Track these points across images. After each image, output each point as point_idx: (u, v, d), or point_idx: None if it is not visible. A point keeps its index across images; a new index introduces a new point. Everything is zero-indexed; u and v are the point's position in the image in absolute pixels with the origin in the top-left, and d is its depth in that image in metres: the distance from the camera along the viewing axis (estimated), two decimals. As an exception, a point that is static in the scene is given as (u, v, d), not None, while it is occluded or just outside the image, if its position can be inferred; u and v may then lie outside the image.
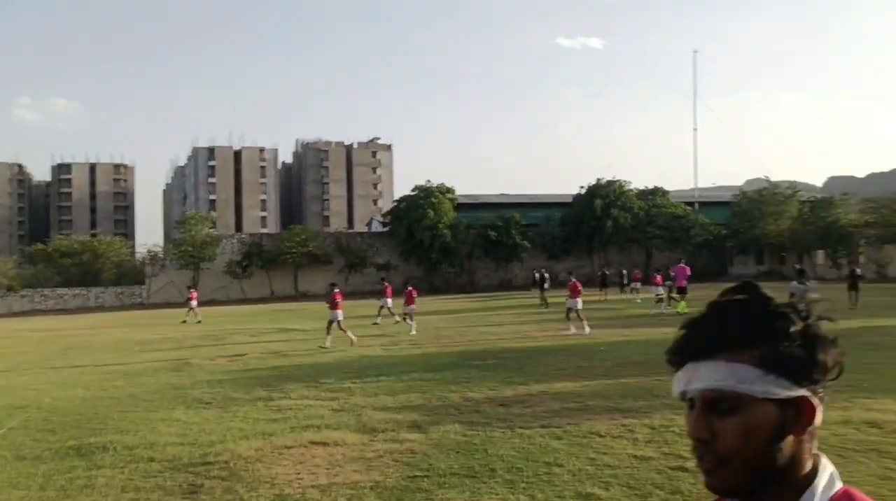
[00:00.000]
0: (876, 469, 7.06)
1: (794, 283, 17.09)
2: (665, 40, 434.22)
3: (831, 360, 1.22)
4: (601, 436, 8.72)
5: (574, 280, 24.66)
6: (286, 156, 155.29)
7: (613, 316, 28.72)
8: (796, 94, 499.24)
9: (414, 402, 11.46)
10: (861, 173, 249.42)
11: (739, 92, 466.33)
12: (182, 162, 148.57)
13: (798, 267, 18.04)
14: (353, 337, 20.86)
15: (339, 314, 21.19)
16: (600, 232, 67.64)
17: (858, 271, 31.22)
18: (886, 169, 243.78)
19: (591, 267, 72.69)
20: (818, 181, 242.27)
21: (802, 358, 1.20)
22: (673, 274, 30.31)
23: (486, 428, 9.34)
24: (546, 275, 41.16)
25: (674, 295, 30.15)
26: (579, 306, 22.88)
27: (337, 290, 21.87)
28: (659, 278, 30.53)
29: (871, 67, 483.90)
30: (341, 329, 21.06)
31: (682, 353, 1.26)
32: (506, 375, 13.84)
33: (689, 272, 29.42)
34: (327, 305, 21.72)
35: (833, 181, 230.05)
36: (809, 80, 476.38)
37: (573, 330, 22.14)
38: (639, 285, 39.97)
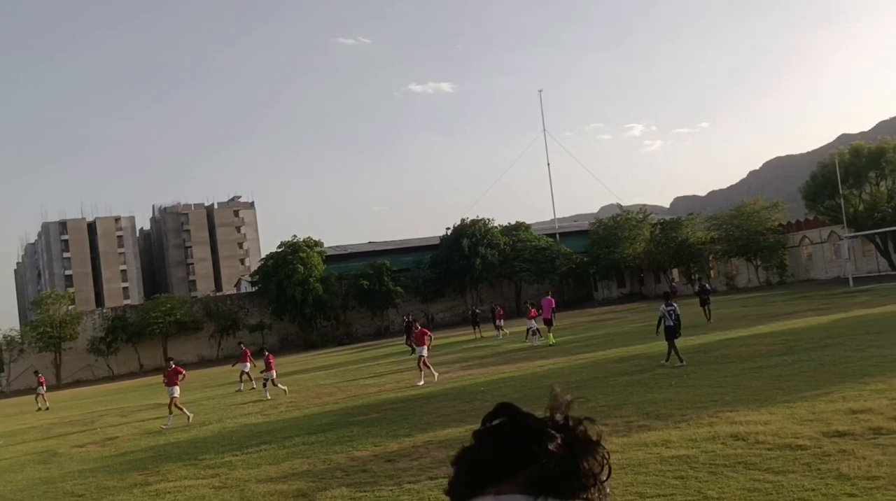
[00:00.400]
0: (744, 483, 7.47)
1: (663, 306, 17.77)
2: (512, 80, 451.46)
3: (597, 464, 1.15)
4: (488, 482, 8.79)
5: (419, 327, 24.24)
6: (144, 222, 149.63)
7: (490, 353, 29.12)
8: (639, 123, 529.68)
9: (298, 469, 11.19)
10: (703, 191, 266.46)
11: (586, 124, 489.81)
12: (32, 238, 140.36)
13: (666, 290, 18.86)
14: (189, 415, 19.55)
15: (176, 390, 20.01)
16: (470, 270, 68.72)
17: (707, 286, 31.57)
18: (724, 185, 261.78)
19: (464, 307, 73.61)
20: (666, 202, 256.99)
21: (566, 472, 1.13)
22: (540, 307, 31.05)
23: (374, 488, 9.24)
24: (412, 320, 41.43)
25: (532, 327, 30.64)
26: (425, 354, 22.08)
27: (174, 364, 20.73)
28: (533, 311, 31.17)
29: (702, 97, 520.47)
30: (178, 406, 19.80)
31: (455, 493, 1.18)
32: (390, 428, 13.76)
33: (554, 304, 30.21)
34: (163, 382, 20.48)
35: (679, 201, 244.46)
36: (650, 110, 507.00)
37: (421, 381, 21.17)
38: (502, 322, 40.46)
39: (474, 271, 68.43)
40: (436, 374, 21.59)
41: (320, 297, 64.24)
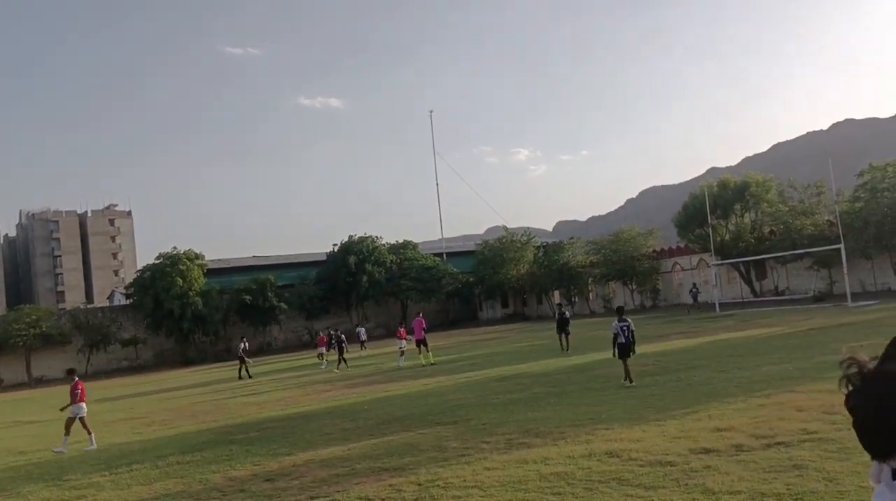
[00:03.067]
0: (618, 498, 7.77)
1: (616, 322, 17.21)
2: (402, 99, 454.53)
3: None
4: (370, 500, 8.77)
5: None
6: (9, 229, 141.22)
7: (374, 371, 29.03)
8: (524, 148, 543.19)
9: (172, 490, 10.79)
10: (583, 217, 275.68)
11: (475, 146, 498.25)
12: None
13: (619, 305, 18.67)
14: (94, 441, 16.79)
15: (83, 408, 17.11)
16: (356, 287, 68.32)
17: (566, 313, 29.23)
18: (604, 212, 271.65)
19: (350, 324, 73.06)
20: (549, 226, 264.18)
21: None
22: (412, 328, 30.83)
23: (252, 509, 9.02)
24: (332, 333, 39.95)
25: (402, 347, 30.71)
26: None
27: (77, 379, 17.60)
28: (402, 331, 31.08)
29: (584, 125, 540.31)
30: (85, 428, 16.92)
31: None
32: (270, 447, 13.48)
33: (424, 324, 30.14)
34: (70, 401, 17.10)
35: (561, 225, 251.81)
36: (534, 136, 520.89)
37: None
38: (324, 350, 37.84)
39: (360, 288, 68.10)
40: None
41: (200, 312, 62.23)
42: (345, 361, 33.30)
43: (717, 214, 51.53)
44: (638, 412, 12.72)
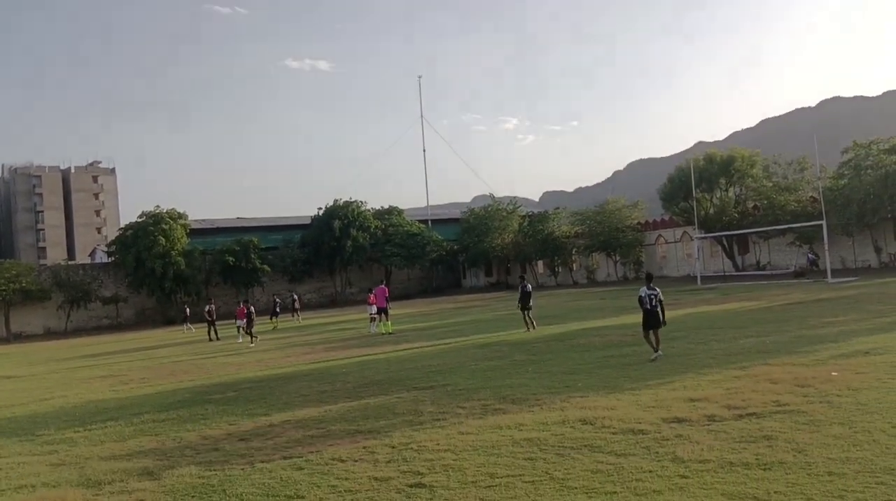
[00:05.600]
0: (589, 464, 7.81)
1: (644, 288, 16.63)
2: (392, 64, 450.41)
3: None
4: (343, 461, 8.78)
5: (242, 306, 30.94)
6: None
7: (354, 336, 29.05)
8: (513, 117, 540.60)
9: (146, 447, 10.76)
10: (570, 187, 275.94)
11: (463, 114, 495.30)
12: None
13: (647, 272, 17.47)
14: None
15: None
16: (340, 252, 68.21)
17: (528, 285, 25.03)
18: (591, 183, 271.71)
19: (333, 288, 73.10)
20: (536, 196, 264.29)
21: None
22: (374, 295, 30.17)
23: (224, 467, 9.01)
24: (277, 299, 45.09)
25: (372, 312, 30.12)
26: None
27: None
28: (371, 297, 30.74)
29: (574, 95, 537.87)
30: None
31: None
32: (246, 407, 13.47)
33: (387, 293, 29.86)
34: None
35: (548, 195, 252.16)
36: (523, 105, 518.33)
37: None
38: (242, 322, 32.65)
39: (344, 253, 67.99)
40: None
41: (182, 271, 61.97)
42: (252, 334, 30.31)
43: (703, 188, 51.64)
44: (614, 381, 12.78)
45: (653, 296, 15.42)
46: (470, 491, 7.22)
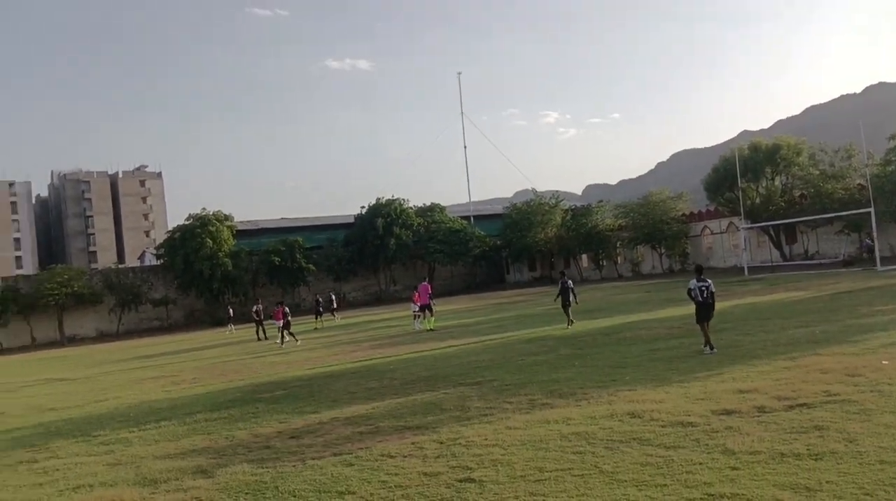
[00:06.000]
0: (638, 457, 7.78)
1: (693, 281, 15.50)
2: (431, 61, 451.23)
3: None
4: (392, 457, 8.88)
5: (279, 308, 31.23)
6: (41, 189, 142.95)
7: (401, 333, 29.22)
8: (553, 111, 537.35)
9: (198, 445, 10.99)
10: (613, 180, 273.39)
11: (503, 110, 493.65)
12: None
13: (697, 264, 17.10)
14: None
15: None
16: (384, 250, 68.59)
17: (568, 281, 23.72)
18: (634, 175, 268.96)
19: (377, 286, 73.55)
20: (578, 190, 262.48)
21: None
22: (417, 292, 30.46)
23: (276, 464, 9.17)
24: (319, 299, 44.48)
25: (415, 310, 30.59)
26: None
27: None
28: (416, 295, 30.93)
29: (615, 87, 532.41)
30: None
31: None
32: (296, 405, 13.67)
33: (430, 290, 30.01)
34: None
35: (590, 189, 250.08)
36: (563, 99, 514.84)
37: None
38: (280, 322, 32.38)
39: (388, 251, 68.32)
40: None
41: (229, 273, 62.89)
42: (293, 334, 30.22)
43: (748, 177, 50.76)
44: (661, 374, 12.70)
45: (704, 288, 15.12)
46: (519, 486, 7.25)
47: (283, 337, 29.86)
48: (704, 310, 15.01)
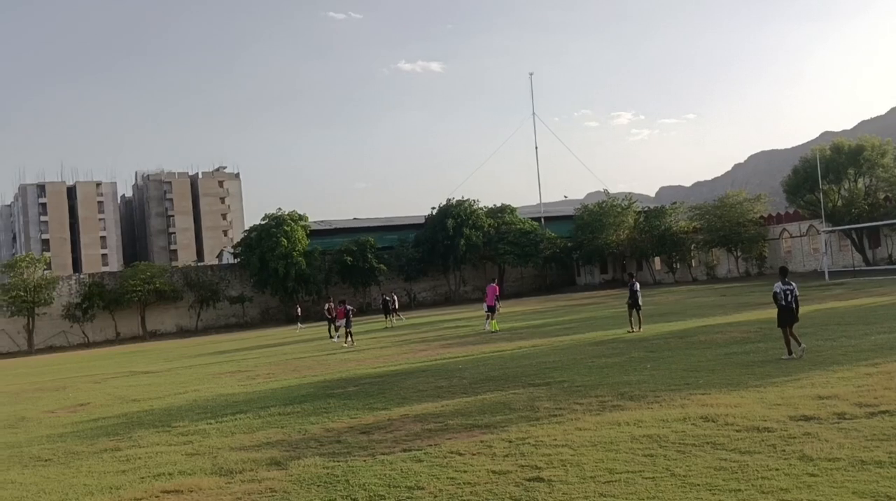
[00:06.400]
0: (711, 462, 7.63)
1: (778, 284, 14.96)
2: (502, 62, 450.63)
3: None
4: (461, 455, 8.92)
5: (341, 306, 30.86)
6: (126, 189, 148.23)
7: (469, 333, 29.27)
8: (626, 111, 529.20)
9: (273, 438, 11.25)
10: (688, 182, 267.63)
11: (575, 111, 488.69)
12: (8, 200, 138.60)
13: (782, 265, 16.58)
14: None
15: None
16: (454, 251, 68.82)
17: (636, 284, 23.22)
18: (709, 177, 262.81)
19: (447, 286, 73.84)
20: (651, 191, 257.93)
21: None
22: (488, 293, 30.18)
23: (347, 458, 9.32)
24: (388, 299, 43.94)
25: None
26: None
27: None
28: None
29: (689, 87, 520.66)
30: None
31: None
32: (367, 401, 13.85)
33: (497, 291, 29.65)
34: None
35: (664, 191, 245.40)
36: (637, 99, 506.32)
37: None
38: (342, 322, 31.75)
39: (458, 252, 68.52)
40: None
41: (303, 272, 64.08)
42: (351, 335, 29.74)
43: (829, 179, 49.16)
44: (737, 378, 12.41)
45: (788, 292, 14.62)
46: (589, 486, 7.20)
47: (348, 336, 29.73)
48: (787, 314, 14.50)
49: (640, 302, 23.00)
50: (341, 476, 8.52)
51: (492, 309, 28.98)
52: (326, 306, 38.43)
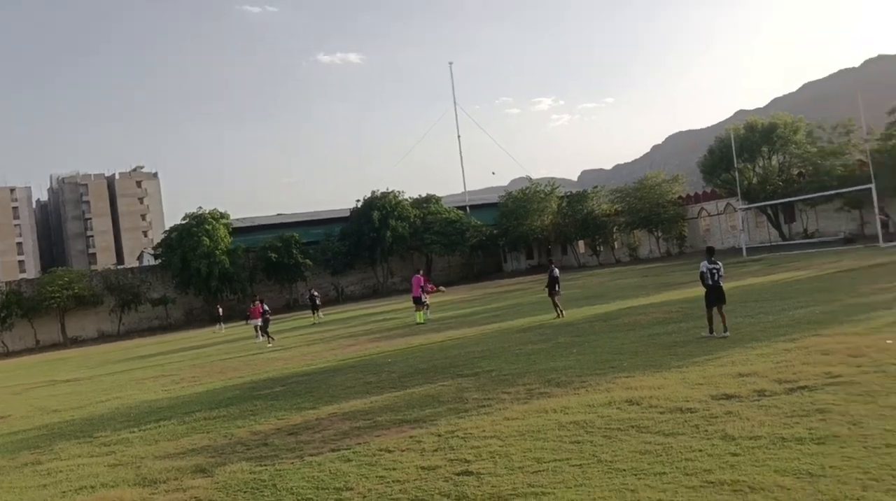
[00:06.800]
0: (636, 445, 7.72)
1: (704, 263, 15.01)
2: (422, 52, 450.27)
3: None
4: (390, 452, 8.82)
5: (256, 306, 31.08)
6: (41, 193, 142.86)
7: (398, 325, 29.16)
8: (546, 98, 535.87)
9: (198, 444, 10.94)
10: (609, 165, 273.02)
11: (496, 98, 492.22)
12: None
13: (709, 246, 16.55)
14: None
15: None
16: (380, 243, 68.50)
17: (556, 271, 23.39)
18: (629, 159, 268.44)
19: (375, 279, 73.48)
20: (573, 176, 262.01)
21: None
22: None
23: (274, 462, 9.12)
24: (315, 295, 43.38)
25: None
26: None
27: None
28: (429, 287, 30.93)
29: (607, 72, 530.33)
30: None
31: None
32: (294, 401, 13.61)
33: (422, 282, 29.64)
34: None
35: (586, 174, 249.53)
36: (557, 85, 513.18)
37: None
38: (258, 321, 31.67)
39: (384, 243, 68.25)
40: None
41: (227, 270, 62.91)
42: (268, 334, 29.36)
43: (744, 157, 50.67)
44: (660, 360, 12.64)
45: (715, 271, 14.75)
46: (517, 477, 7.19)
47: (268, 335, 29.29)
48: (716, 294, 14.67)
49: (559, 288, 23.10)
50: (268, 480, 8.32)
51: (418, 301, 28.86)
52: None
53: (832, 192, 43.13)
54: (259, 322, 30.69)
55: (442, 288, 39.29)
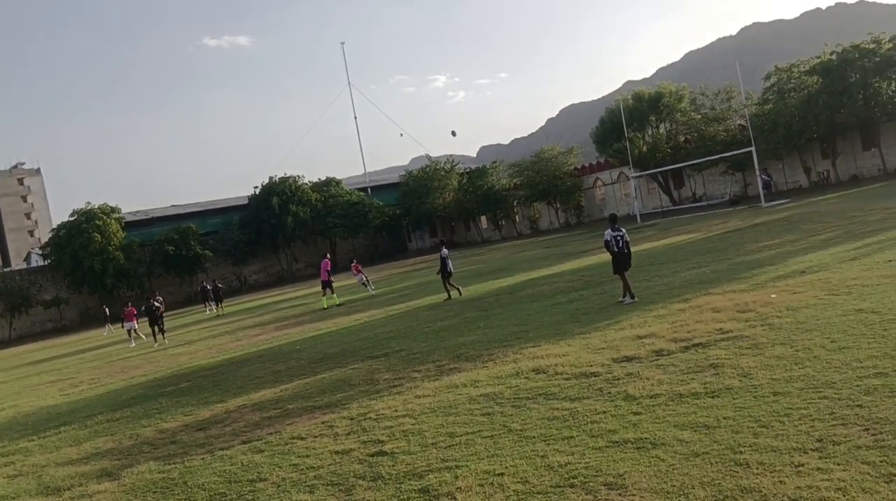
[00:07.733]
0: (544, 412, 7.95)
1: (608, 231, 14.94)
2: (313, 33, 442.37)
3: None
4: (303, 439, 8.78)
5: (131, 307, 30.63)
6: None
7: (305, 312, 28.87)
8: (441, 75, 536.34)
9: (102, 448, 10.59)
10: (506, 140, 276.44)
11: (391, 77, 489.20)
12: None
13: (612, 213, 16.36)
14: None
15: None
16: (282, 229, 67.35)
17: (445, 251, 23.14)
18: (526, 133, 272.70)
19: (279, 266, 72.32)
20: (473, 152, 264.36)
21: None
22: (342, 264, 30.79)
23: (184, 459, 8.93)
24: (220, 286, 42.58)
25: (362, 279, 31.42)
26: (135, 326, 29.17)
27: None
28: (356, 266, 31.27)
29: (500, 47, 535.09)
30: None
31: None
32: (201, 396, 13.32)
33: (329, 266, 29.62)
34: None
35: (485, 150, 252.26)
36: (451, 62, 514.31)
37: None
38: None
39: (286, 229, 67.15)
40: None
41: (122, 266, 60.62)
42: (163, 332, 27.58)
43: (634, 127, 52.20)
44: (563, 327, 12.99)
45: (619, 238, 14.86)
46: (431, 453, 7.29)
47: (163, 333, 27.61)
48: (623, 260, 14.80)
49: (451, 269, 22.82)
50: (178, 478, 8.16)
51: (326, 285, 28.72)
52: (150, 301, 36.20)
53: (716, 157, 44.98)
54: (135, 325, 29.46)
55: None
